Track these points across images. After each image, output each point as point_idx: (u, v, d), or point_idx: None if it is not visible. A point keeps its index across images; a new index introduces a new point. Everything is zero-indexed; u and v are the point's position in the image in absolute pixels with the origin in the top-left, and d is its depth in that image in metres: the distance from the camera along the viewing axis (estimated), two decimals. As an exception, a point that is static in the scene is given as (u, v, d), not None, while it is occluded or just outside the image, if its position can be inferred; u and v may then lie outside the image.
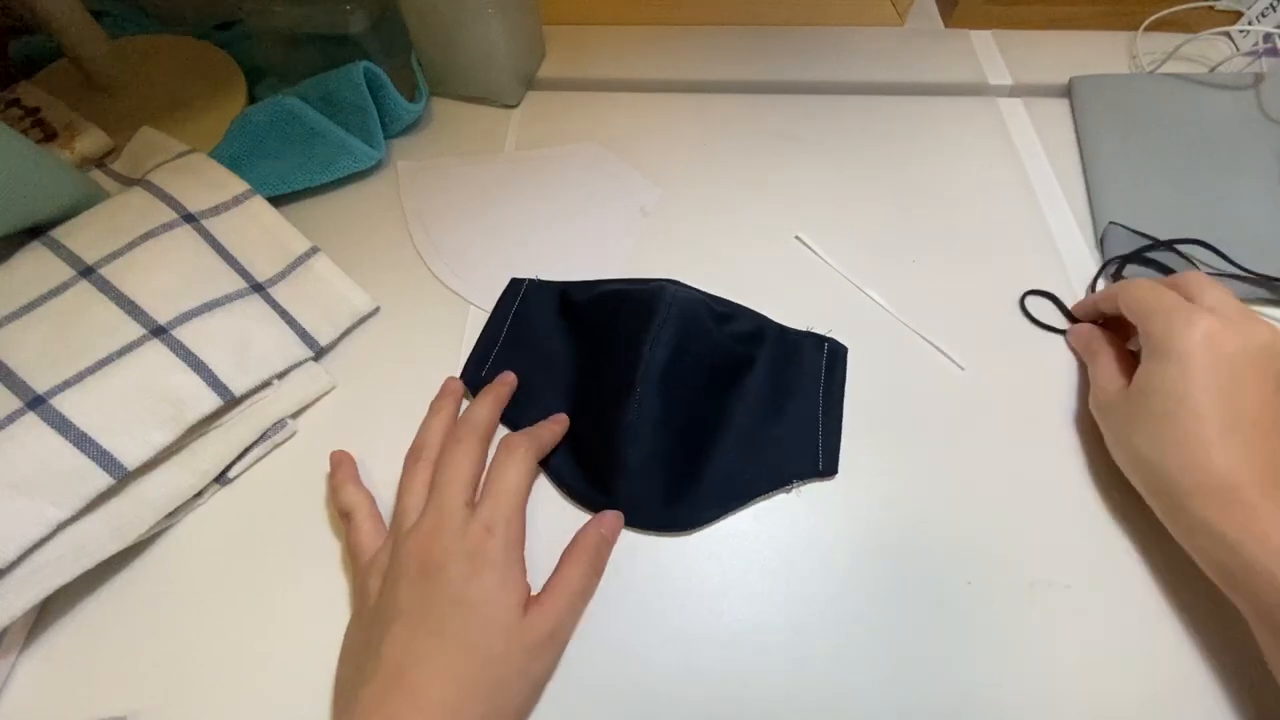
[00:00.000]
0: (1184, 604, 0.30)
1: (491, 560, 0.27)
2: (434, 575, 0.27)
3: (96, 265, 0.34)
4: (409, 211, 0.45)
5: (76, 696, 0.29)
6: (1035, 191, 0.45)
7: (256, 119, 0.44)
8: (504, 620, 0.27)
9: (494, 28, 0.45)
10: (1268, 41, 0.48)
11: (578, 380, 0.36)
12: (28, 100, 0.46)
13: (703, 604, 0.31)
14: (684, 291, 0.36)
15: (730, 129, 0.49)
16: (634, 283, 0.38)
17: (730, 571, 0.31)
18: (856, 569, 0.31)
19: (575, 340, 0.37)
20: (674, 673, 0.29)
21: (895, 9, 0.55)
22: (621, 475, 0.32)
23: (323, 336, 0.38)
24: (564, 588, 0.29)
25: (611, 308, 0.36)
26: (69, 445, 0.29)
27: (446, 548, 0.27)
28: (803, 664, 0.29)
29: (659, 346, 0.32)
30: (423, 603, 0.26)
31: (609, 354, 0.34)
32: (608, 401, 0.33)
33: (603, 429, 0.33)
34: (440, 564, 0.27)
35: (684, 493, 0.32)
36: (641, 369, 0.32)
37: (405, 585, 0.27)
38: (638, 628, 0.30)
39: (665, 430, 0.32)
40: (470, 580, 0.27)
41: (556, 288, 0.39)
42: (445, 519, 0.28)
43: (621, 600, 0.31)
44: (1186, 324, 0.28)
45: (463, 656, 0.25)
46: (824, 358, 0.36)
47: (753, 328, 0.37)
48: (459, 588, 0.27)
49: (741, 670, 0.29)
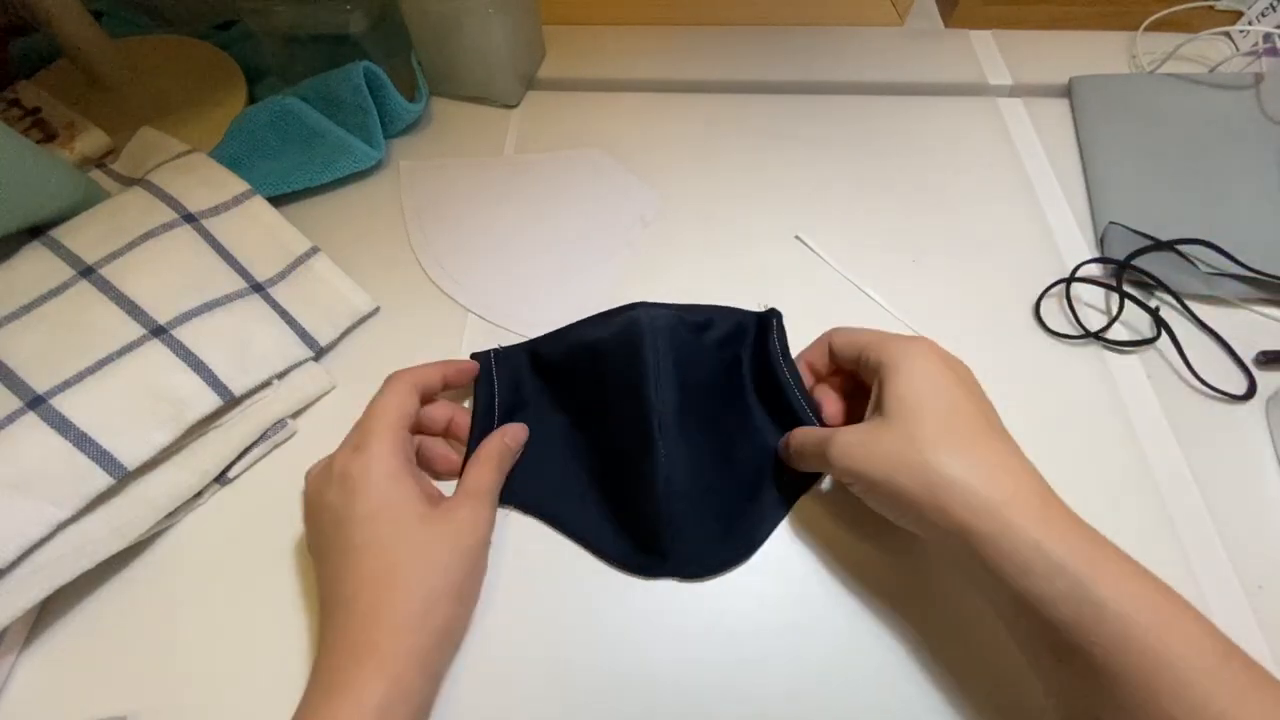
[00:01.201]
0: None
1: (369, 474, 0.27)
2: (318, 512, 0.28)
3: (96, 265, 0.34)
4: (409, 211, 0.45)
5: (76, 696, 0.29)
6: (1035, 191, 0.45)
7: (256, 119, 0.44)
8: (408, 516, 0.27)
9: (494, 28, 0.45)
10: (1268, 41, 0.48)
11: (586, 444, 0.34)
12: (28, 100, 0.46)
13: (702, 603, 0.30)
14: (659, 318, 0.32)
15: (730, 129, 0.49)
16: (603, 323, 0.35)
17: (731, 570, 0.31)
18: (856, 568, 0.31)
19: (565, 401, 0.35)
20: (674, 672, 0.29)
21: (895, 9, 0.55)
22: (673, 535, 0.30)
23: (323, 336, 0.38)
24: (473, 486, 0.30)
25: (593, 357, 0.34)
26: (69, 445, 0.29)
27: (319, 484, 0.29)
28: (802, 662, 0.29)
29: (663, 389, 0.30)
30: (320, 540, 0.28)
31: (611, 408, 0.32)
32: (631, 460, 0.31)
33: (635, 491, 0.31)
34: (318, 497, 0.28)
35: (734, 524, 0.31)
36: (655, 419, 0.30)
37: (308, 530, 0.29)
38: (638, 627, 0.30)
39: (699, 470, 0.30)
40: (348, 498, 0.27)
41: (524, 351, 0.36)
42: (330, 457, 0.30)
43: (621, 600, 0.31)
44: (916, 340, 0.28)
45: (378, 568, 0.26)
46: (773, 333, 0.35)
47: (731, 326, 0.36)
48: (347, 511, 0.27)
49: (741, 669, 0.29)
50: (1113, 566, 0.22)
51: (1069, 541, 0.22)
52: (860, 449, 0.26)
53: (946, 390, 0.26)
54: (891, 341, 0.28)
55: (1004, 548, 0.23)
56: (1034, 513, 0.23)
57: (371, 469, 0.27)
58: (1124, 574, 0.22)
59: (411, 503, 0.27)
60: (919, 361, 0.27)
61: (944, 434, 0.25)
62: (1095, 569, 0.21)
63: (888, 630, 0.30)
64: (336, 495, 0.27)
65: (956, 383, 0.27)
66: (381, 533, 0.26)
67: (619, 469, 0.32)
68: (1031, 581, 0.22)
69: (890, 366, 0.27)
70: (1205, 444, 0.34)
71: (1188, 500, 0.33)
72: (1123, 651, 0.20)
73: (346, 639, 0.25)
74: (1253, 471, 0.34)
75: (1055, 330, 0.38)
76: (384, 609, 0.25)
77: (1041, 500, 0.24)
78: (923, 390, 0.26)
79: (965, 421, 0.26)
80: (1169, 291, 0.39)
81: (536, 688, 0.29)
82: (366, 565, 0.26)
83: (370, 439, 0.28)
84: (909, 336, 0.29)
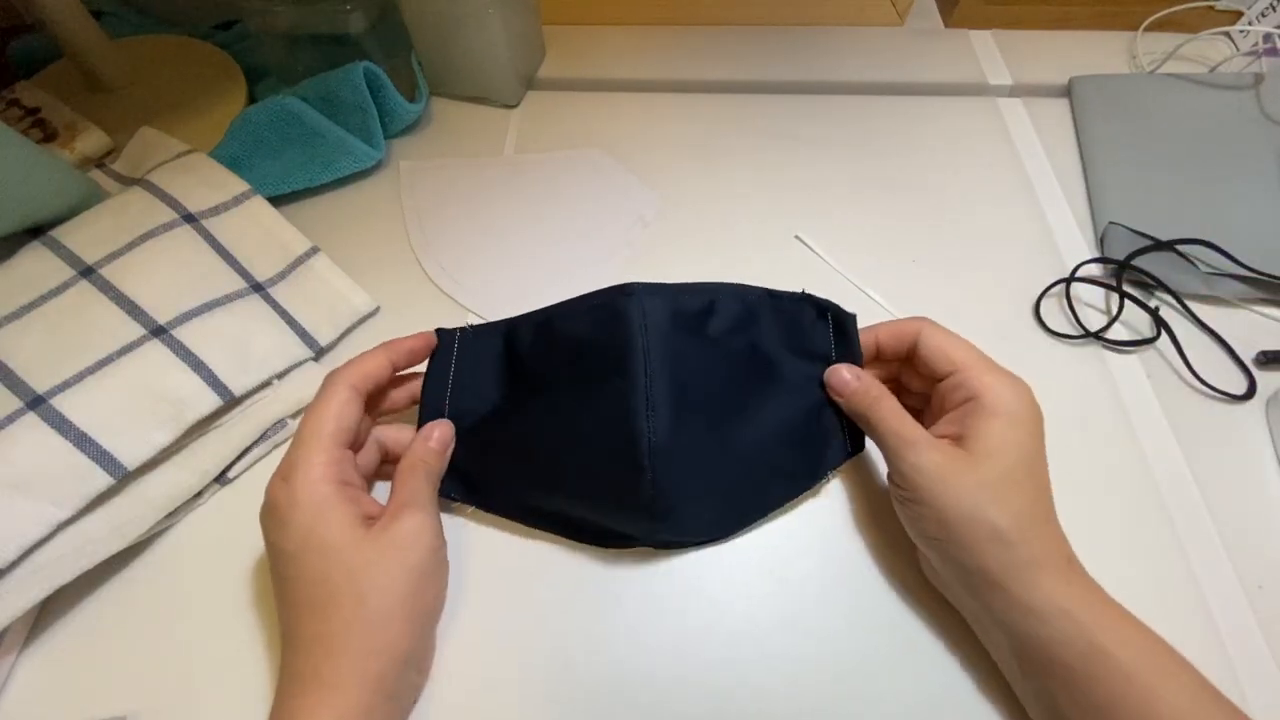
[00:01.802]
0: (1182, 604, 0.30)
1: (294, 508, 0.26)
2: (265, 541, 0.27)
3: (96, 265, 0.34)
4: (409, 211, 0.45)
5: (76, 696, 0.29)
6: (1035, 191, 0.45)
7: (256, 119, 0.44)
8: (336, 541, 0.25)
9: (494, 28, 0.45)
10: (1268, 41, 0.48)
11: (562, 427, 0.31)
12: (28, 100, 0.46)
13: (703, 603, 0.30)
14: (650, 301, 0.30)
15: (730, 129, 0.49)
16: (587, 305, 0.31)
17: (732, 571, 0.31)
18: (856, 567, 0.31)
19: (540, 385, 0.32)
20: (675, 670, 0.29)
21: (895, 9, 0.55)
22: (656, 492, 0.28)
23: (323, 336, 0.38)
24: (404, 498, 0.28)
25: (572, 345, 0.31)
26: (69, 445, 0.29)
27: (261, 513, 0.27)
28: (801, 662, 0.29)
29: (656, 386, 0.28)
30: (276, 582, 0.27)
31: (594, 395, 0.30)
32: (613, 432, 0.29)
33: (617, 458, 0.28)
34: (261, 526, 0.27)
35: (727, 500, 0.31)
36: (644, 401, 0.28)
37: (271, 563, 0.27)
38: (640, 626, 0.30)
39: (691, 444, 0.29)
40: (282, 530, 0.26)
41: (499, 330, 0.33)
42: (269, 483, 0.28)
43: (622, 599, 0.31)
44: (1016, 382, 0.28)
45: (315, 597, 0.25)
46: (830, 329, 0.32)
47: (740, 309, 0.32)
48: (276, 543, 0.26)
49: (740, 668, 0.29)
50: (1123, 626, 0.24)
51: (1087, 602, 0.25)
52: (939, 471, 0.26)
53: (1028, 442, 0.27)
54: (990, 377, 0.28)
55: (1024, 601, 0.25)
56: (1061, 575, 0.25)
57: (297, 498, 0.26)
58: (1131, 631, 0.24)
59: (342, 529, 0.26)
60: (1016, 411, 0.27)
61: (1009, 486, 0.26)
62: (1108, 633, 0.24)
63: (888, 631, 0.30)
64: (269, 527, 0.27)
65: (1036, 435, 0.27)
66: (311, 563, 0.25)
67: (600, 446, 0.29)
68: (1045, 631, 0.24)
69: (988, 409, 0.27)
70: (1205, 444, 0.34)
71: (1188, 500, 0.33)
72: (1122, 693, 0.23)
73: (292, 669, 0.25)
74: (1253, 471, 0.34)
75: (1055, 330, 0.38)
76: (326, 638, 0.24)
77: (1067, 562, 0.26)
78: (1009, 440, 0.26)
79: (1029, 476, 0.26)
80: (1169, 291, 0.39)
81: (518, 697, 0.29)
82: (303, 595, 0.25)
83: (297, 465, 0.27)
84: (1008, 375, 0.28)
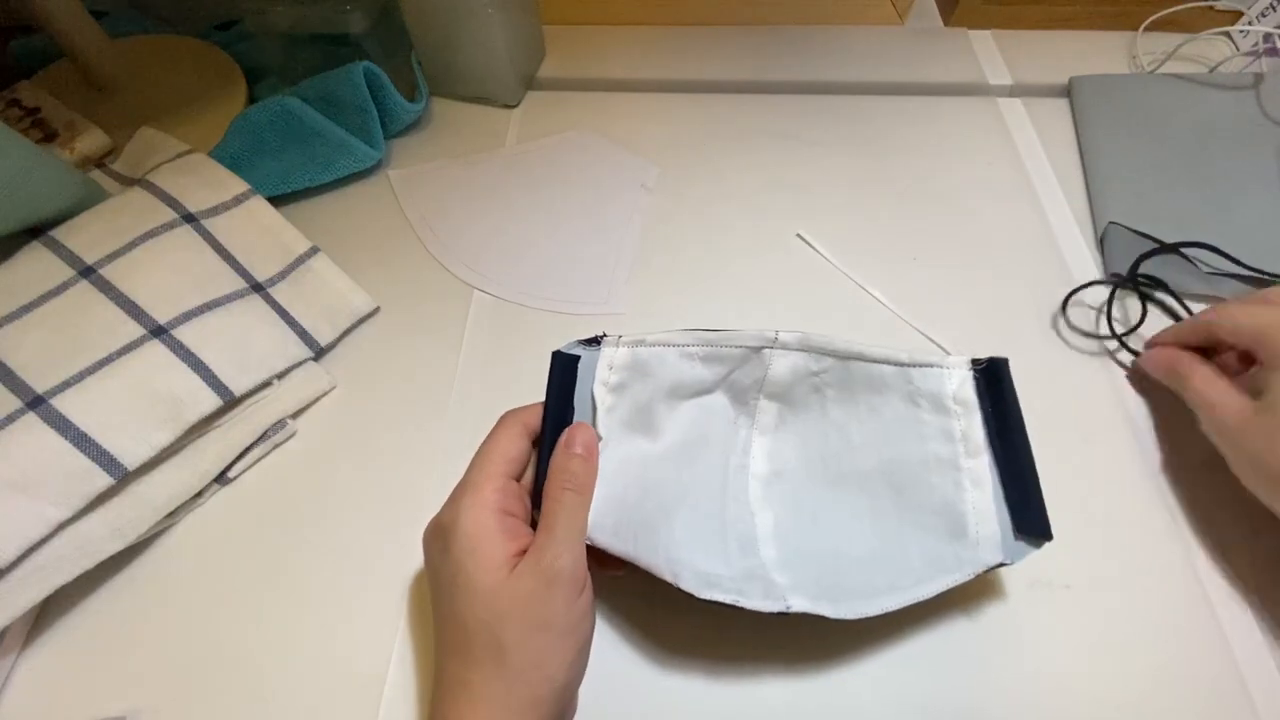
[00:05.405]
0: (1184, 604, 0.30)
1: (456, 529, 0.26)
2: (425, 557, 0.28)
3: (96, 265, 0.34)
4: (412, 217, 0.45)
5: (76, 696, 0.29)
6: (1035, 191, 0.45)
7: (256, 119, 0.44)
8: (483, 584, 0.25)
9: (494, 28, 0.45)
10: (1268, 41, 0.48)
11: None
12: (28, 100, 0.46)
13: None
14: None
15: (730, 128, 0.49)
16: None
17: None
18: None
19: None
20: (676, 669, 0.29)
21: (895, 9, 0.55)
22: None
23: (323, 336, 0.38)
24: (545, 522, 0.27)
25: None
26: (69, 445, 0.29)
27: (427, 533, 0.28)
28: (799, 664, 0.29)
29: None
30: (433, 603, 0.27)
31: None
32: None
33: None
34: (426, 545, 0.28)
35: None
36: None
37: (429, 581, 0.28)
38: (641, 626, 0.30)
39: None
40: (443, 556, 0.26)
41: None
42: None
43: (624, 599, 0.31)
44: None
45: (458, 635, 0.25)
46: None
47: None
48: (436, 568, 0.27)
49: (741, 666, 0.29)
50: None
51: None
52: (1245, 435, 0.29)
53: None
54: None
55: None
56: None
57: (460, 521, 0.26)
58: None
59: (488, 571, 0.26)
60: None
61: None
62: None
63: (886, 630, 0.30)
64: (433, 550, 0.27)
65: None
66: (459, 604, 0.26)
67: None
68: None
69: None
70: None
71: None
72: None
73: (440, 712, 0.25)
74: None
75: (1055, 330, 0.38)
76: (468, 687, 0.25)
77: None
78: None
79: None
80: (1170, 292, 0.39)
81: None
82: (448, 636, 0.26)
83: (465, 491, 0.27)
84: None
